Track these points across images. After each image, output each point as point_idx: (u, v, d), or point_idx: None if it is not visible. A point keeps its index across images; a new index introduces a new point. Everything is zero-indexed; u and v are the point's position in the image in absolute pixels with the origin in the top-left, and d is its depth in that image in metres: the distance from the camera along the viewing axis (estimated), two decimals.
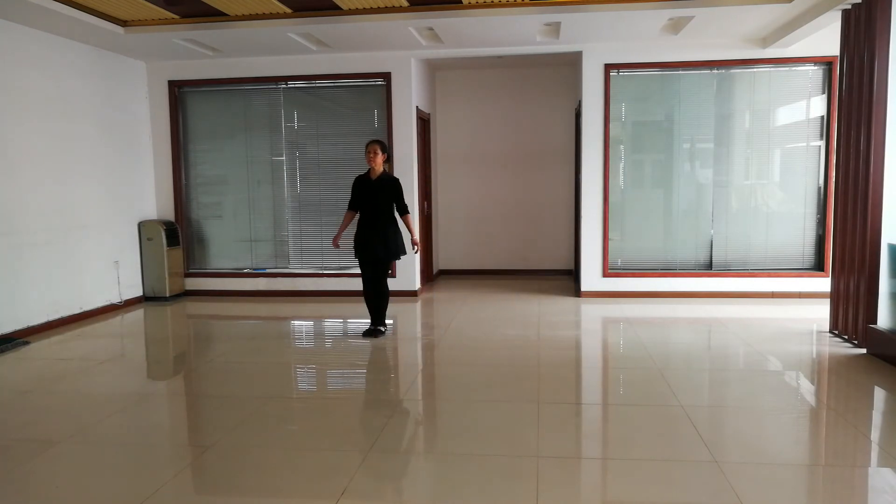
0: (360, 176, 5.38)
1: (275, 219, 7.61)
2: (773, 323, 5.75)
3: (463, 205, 8.75)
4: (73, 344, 5.45)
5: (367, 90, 7.30)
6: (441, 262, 8.88)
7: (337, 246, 5.40)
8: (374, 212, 5.23)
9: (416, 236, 5.43)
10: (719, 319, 5.94)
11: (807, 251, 6.92)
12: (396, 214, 5.36)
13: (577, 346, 5.19)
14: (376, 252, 5.23)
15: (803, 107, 6.78)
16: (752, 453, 3.03)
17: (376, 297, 5.39)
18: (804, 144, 6.81)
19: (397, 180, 5.34)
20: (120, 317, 6.56)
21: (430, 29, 6.16)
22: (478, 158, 8.67)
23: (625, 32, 6.29)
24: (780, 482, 2.75)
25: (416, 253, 5.59)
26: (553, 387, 4.10)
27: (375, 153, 5.21)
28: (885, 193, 4.71)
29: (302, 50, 6.87)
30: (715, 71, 6.82)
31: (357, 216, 5.37)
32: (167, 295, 7.26)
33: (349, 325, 6.06)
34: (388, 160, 6.05)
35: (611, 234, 7.09)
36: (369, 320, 5.55)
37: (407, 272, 7.31)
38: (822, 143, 6.73)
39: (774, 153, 6.90)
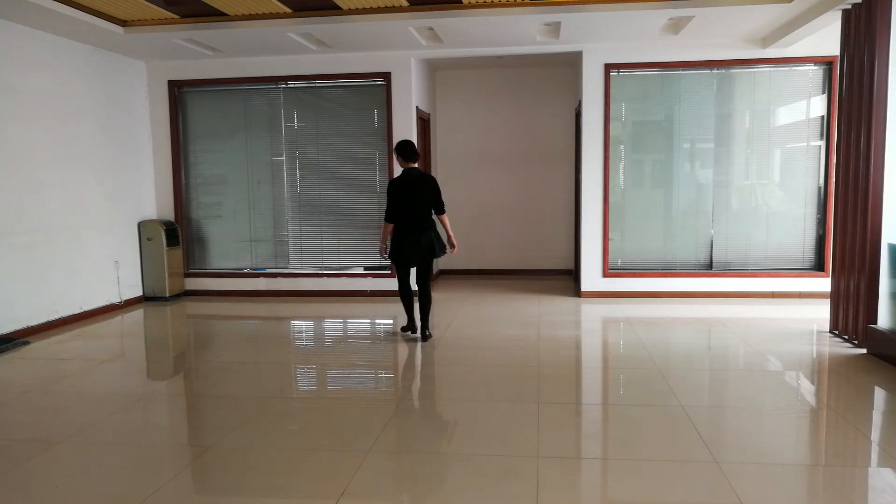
0: (395, 179, 5.20)
1: (275, 219, 7.61)
2: (773, 323, 5.75)
3: (463, 204, 8.73)
4: (73, 344, 5.45)
5: (367, 90, 7.30)
6: (441, 261, 8.87)
7: (385, 256, 5.29)
8: (418, 211, 5.14)
9: (453, 237, 5.41)
10: (719, 319, 5.94)
11: (807, 251, 6.91)
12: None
13: (577, 346, 5.19)
14: (425, 251, 5.15)
15: (803, 107, 6.78)
16: (752, 453, 3.03)
17: (423, 299, 5.29)
18: (804, 144, 6.81)
19: (434, 179, 5.30)
20: (120, 317, 6.56)
21: (430, 29, 6.16)
22: (478, 158, 8.67)
23: (625, 32, 6.29)
24: (780, 482, 2.75)
25: (452, 253, 5.48)
26: (553, 387, 4.10)
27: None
28: (885, 193, 4.71)
29: (302, 50, 6.87)
30: (715, 71, 6.82)
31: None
32: (167, 295, 7.26)
33: (349, 325, 6.07)
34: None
35: (611, 234, 7.09)
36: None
37: None
38: (823, 143, 6.73)
39: (774, 153, 6.90)
